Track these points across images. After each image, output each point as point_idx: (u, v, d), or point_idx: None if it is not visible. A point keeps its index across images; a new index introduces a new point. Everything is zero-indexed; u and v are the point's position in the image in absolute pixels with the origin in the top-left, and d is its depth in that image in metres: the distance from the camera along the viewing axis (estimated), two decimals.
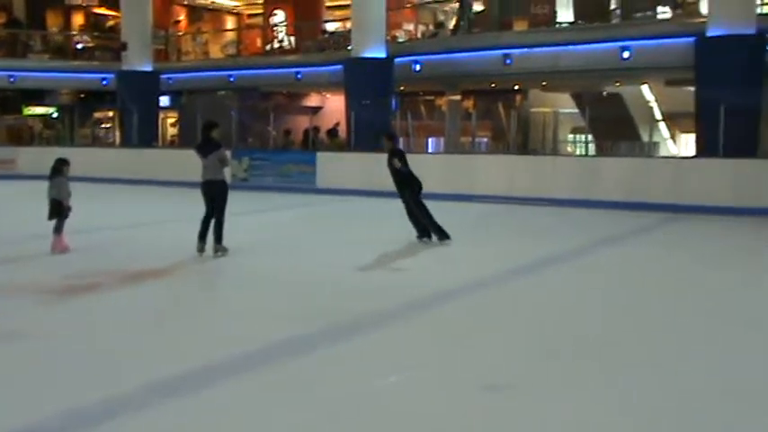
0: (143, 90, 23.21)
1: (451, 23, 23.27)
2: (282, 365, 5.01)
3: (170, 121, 28.06)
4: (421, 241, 10.16)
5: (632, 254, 9.83)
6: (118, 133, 25.56)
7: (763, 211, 12.71)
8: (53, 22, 29.55)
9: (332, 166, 18.10)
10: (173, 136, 28.02)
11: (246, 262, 8.81)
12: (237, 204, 9.54)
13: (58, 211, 9.20)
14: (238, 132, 20.98)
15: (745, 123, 14.37)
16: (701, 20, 15.97)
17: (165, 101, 26.15)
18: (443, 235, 10.02)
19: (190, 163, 10.19)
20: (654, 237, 11.47)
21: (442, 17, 24.98)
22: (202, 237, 8.93)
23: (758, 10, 15.66)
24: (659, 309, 6.68)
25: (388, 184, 10.72)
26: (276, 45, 26.61)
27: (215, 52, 28.17)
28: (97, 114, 28.54)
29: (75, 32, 29.02)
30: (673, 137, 24.43)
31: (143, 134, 22.49)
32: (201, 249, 8.90)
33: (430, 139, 24.57)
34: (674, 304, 6.88)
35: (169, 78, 25.15)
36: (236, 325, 6.02)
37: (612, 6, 20.01)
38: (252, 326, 5.97)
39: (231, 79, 24.45)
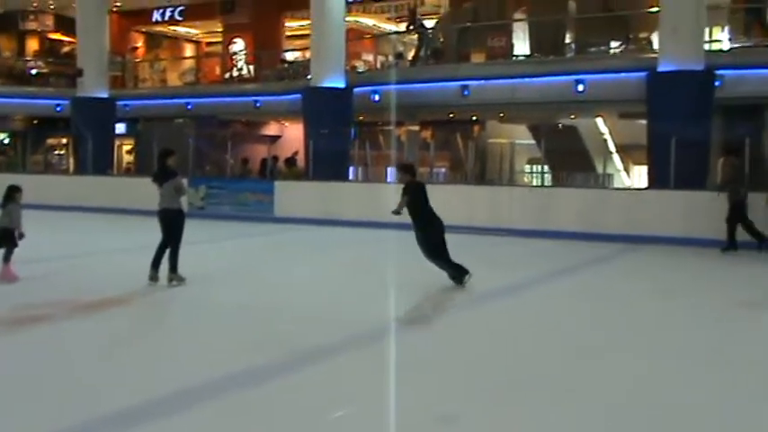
0: (98, 117, 22.92)
1: (410, 54, 23.54)
2: (235, 396, 4.94)
3: (126, 148, 27.73)
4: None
5: (589, 283, 9.95)
6: (72, 160, 25.16)
7: (712, 242, 12.97)
8: (7, 46, 29.15)
9: (290, 195, 18.04)
10: (128, 163, 27.68)
11: (201, 291, 8.68)
12: (194, 233, 9.42)
13: (10, 239, 8.98)
14: (195, 160, 20.81)
15: (695, 156, 14.73)
16: (653, 55, 16.40)
17: (120, 128, 25.86)
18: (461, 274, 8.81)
19: (145, 191, 10.08)
20: (609, 267, 11.62)
21: (401, 48, 25.25)
22: (155, 265, 8.79)
23: (706, 47, 16.13)
24: (614, 341, 6.74)
25: (346, 213, 10.73)
26: (235, 73, 26.58)
27: (173, 80, 28.02)
28: (50, 141, 28.10)
29: (29, 58, 28.61)
30: (626, 169, 24.92)
31: (98, 161, 22.15)
32: (154, 278, 8.76)
33: (389, 169, 24.67)
34: (627, 335, 6.95)
35: (126, 105, 24.90)
36: (188, 355, 5.93)
37: (567, 40, 20.46)
38: (205, 356, 5.87)
39: (189, 107, 24.29)
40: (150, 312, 7.97)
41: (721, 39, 18.24)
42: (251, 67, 26.43)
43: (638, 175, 22.84)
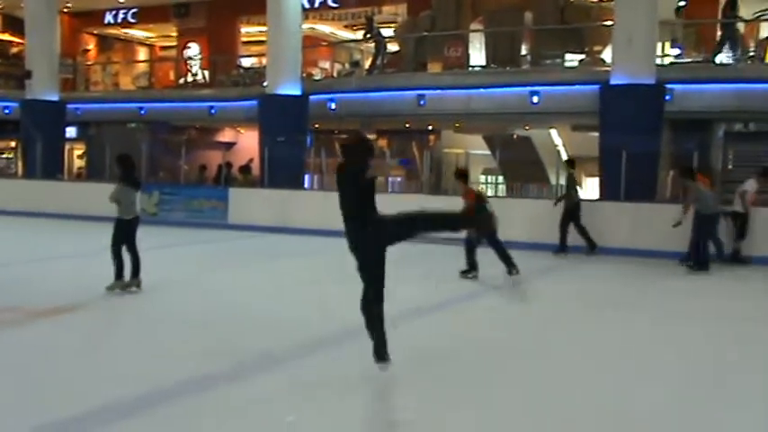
0: (48, 120, 22.40)
1: (367, 63, 23.59)
2: (186, 402, 4.92)
3: (77, 152, 27.19)
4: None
5: (534, 293, 10.07)
6: (20, 164, 24.57)
7: (660, 254, 13.22)
8: None
9: (244, 203, 17.88)
10: (79, 168, 27.14)
11: (154, 298, 8.56)
12: (146, 239, 9.28)
13: None
14: (149, 166, 20.50)
15: (645, 168, 15.02)
16: (606, 68, 16.70)
17: (71, 132, 25.33)
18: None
19: (97, 196, 9.91)
20: (554, 277, 11.74)
21: (357, 56, 25.29)
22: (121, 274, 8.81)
23: (657, 61, 16.48)
24: (548, 351, 6.81)
25: (301, 220, 10.72)
26: (189, 78, 26.30)
27: (126, 83, 27.60)
28: None
29: None
30: (579, 180, 25.27)
31: (47, 165, 21.66)
32: (120, 287, 8.76)
33: None
34: (566, 347, 7.03)
35: (76, 108, 24.41)
36: (138, 363, 5.86)
37: (523, 52, 20.72)
38: (155, 363, 5.81)
39: (142, 112, 23.94)
40: (98, 320, 7.80)
41: (672, 53, 18.65)
42: (206, 73, 26.18)
43: (591, 187, 23.22)
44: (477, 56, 20.93)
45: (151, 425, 4.54)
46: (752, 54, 17.97)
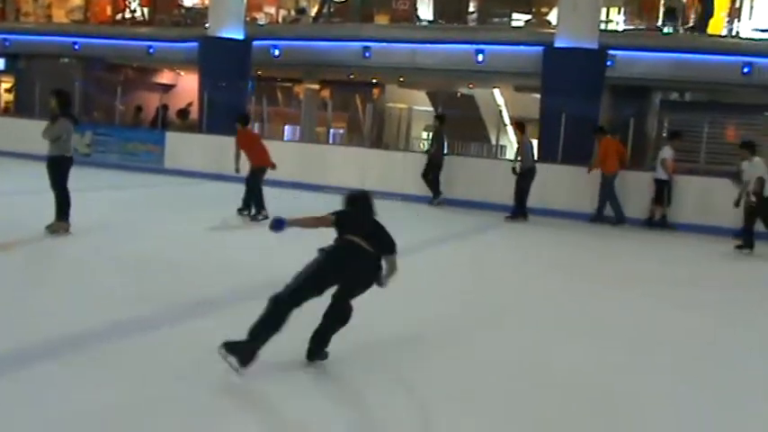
0: None
1: (313, 10, 23.14)
2: (118, 343, 4.88)
3: (4, 86, 26.06)
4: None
5: (467, 251, 10.20)
6: None
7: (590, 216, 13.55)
8: None
9: (181, 148, 17.50)
10: (7, 102, 26.04)
11: (83, 242, 8.35)
12: (78, 181, 8.99)
13: None
14: (82, 104, 19.82)
15: (583, 132, 15.22)
16: (551, 31, 16.77)
17: None
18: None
19: (26, 132, 9.53)
20: (488, 237, 11.89)
21: (304, 3, 24.77)
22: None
23: (601, 26, 16.62)
24: (484, 309, 6.92)
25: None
26: (128, 15, 25.33)
27: (59, 16, 26.41)
28: None
29: None
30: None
31: None
32: (63, 228, 8.52)
33: (286, 127, 24.33)
34: (495, 304, 7.15)
35: (5, 40, 23.36)
36: (68, 305, 5.73)
37: (471, 9, 20.63)
38: (85, 306, 5.69)
39: (76, 47, 22.98)
40: (30, 261, 7.59)
41: (616, 20, 18.85)
42: (145, 10, 25.25)
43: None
44: (425, 10, 20.76)
45: (82, 363, 4.49)
46: (692, 25, 18.29)
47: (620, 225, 13.26)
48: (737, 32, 18.20)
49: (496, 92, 22.98)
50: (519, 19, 20.08)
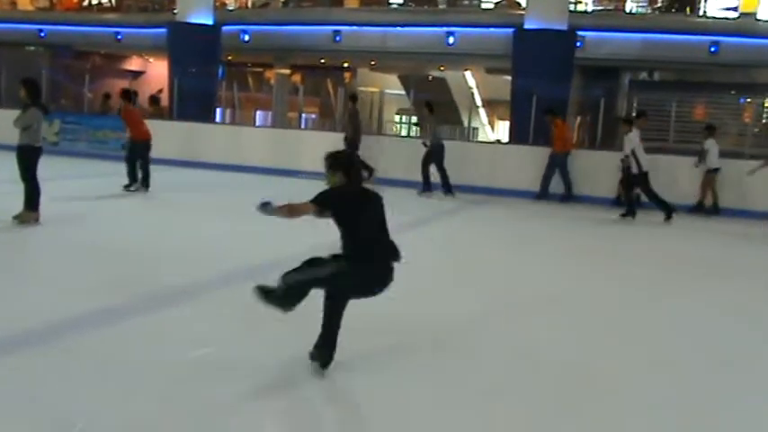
0: None
1: None
2: (90, 335, 4.83)
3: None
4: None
5: (437, 233, 10.27)
6: None
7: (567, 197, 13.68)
8: None
9: (152, 135, 17.29)
10: None
11: (54, 231, 8.26)
12: (47, 170, 8.88)
13: None
14: (50, 93, 19.52)
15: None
16: (521, 12, 16.82)
17: None
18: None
19: None
20: (460, 217, 11.97)
21: None
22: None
23: (570, 7, 16.72)
24: (448, 290, 6.99)
25: (210, 155, 10.53)
26: (95, 1, 24.99)
27: (24, 3, 25.97)
28: None
29: None
30: (491, 123, 25.69)
31: None
32: (33, 218, 8.43)
33: (258, 113, 24.22)
34: (464, 284, 7.23)
35: None
36: (40, 295, 5.67)
37: None
38: (57, 296, 5.64)
39: (42, 34, 22.66)
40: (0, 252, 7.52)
41: (585, 0, 18.96)
42: None
43: (502, 130, 23.61)
44: None
45: (57, 354, 4.45)
46: (659, 5, 18.46)
47: (566, 202, 13.57)
48: (705, 12, 18.40)
49: (468, 74, 23.05)
50: (489, 1, 20.11)
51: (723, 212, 12.95)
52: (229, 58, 21.14)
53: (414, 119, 22.60)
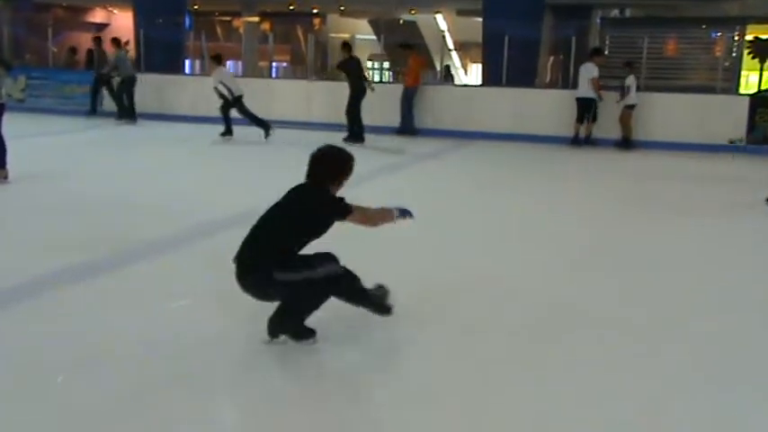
0: None
1: None
2: (63, 293, 4.81)
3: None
4: None
5: (416, 178, 10.29)
6: None
7: (539, 138, 13.70)
8: None
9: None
10: None
11: (22, 189, 8.18)
12: (13, 127, 8.74)
13: None
14: (12, 48, 19.06)
15: (525, 55, 15.26)
16: None
17: None
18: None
19: None
20: (436, 162, 11.97)
21: None
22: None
23: None
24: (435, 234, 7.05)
25: (180, 107, 10.38)
26: None
27: None
28: None
29: None
30: (464, 66, 25.51)
31: None
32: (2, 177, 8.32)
33: (228, 62, 23.82)
34: (454, 224, 7.29)
35: None
36: (11, 255, 5.63)
37: None
38: (28, 255, 5.61)
39: None
40: None
41: None
42: None
43: (475, 73, 23.47)
44: None
45: (27, 314, 4.44)
46: None
47: (405, 135, 14.08)
48: None
49: (439, 17, 22.78)
50: None
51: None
52: (196, 7, 20.72)
53: (386, 64, 22.39)
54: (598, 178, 10.72)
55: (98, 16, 25.46)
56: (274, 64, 20.55)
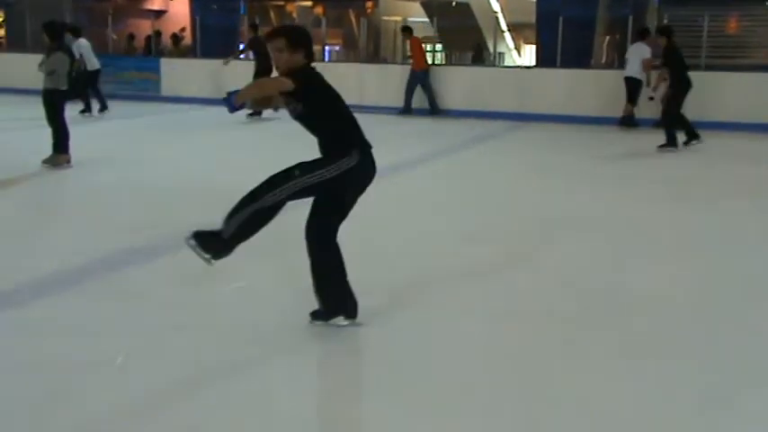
0: None
1: None
2: (122, 274, 4.95)
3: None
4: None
5: (471, 160, 10.25)
6: None
7: (594, 120, 13.49)
8: None
9: (177, 74, 17.34)
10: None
11: (84, 173, 8.43)
12: (76, 113, 9.01)
13: None
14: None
15: (581, 35, 15.00)
16: None
17: None
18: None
19: (18, 67, 9.48)
20: (493, 144, 11.92)
21: None
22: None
23: None
24: (483, 215, 7.04)
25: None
26: None
27: None
28: None
29: None
30: (517, 47, 25.18)
31: None
32: (65, 160, 8.55)
33: None
34: (498, 208, 7.27)
35: None
36: (74, 237, 5.82)
37: None
38: (92, 237, 5.78)
39: None
40: (33, 196, 7.67)
41: None
42: None
43: (529, 54, 23.15)
44: None
45: (93, 293, 4.58)
46: None
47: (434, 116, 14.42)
48: None
49: None
50: None
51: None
52: None
53: (438, 46, 22.24)
54: (659, 162, 10.51)
55: (156, 3, 25.87)
56: (327, 48, 20.64)
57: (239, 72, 16.18)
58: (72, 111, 13.16)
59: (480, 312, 4.33)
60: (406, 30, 15.37)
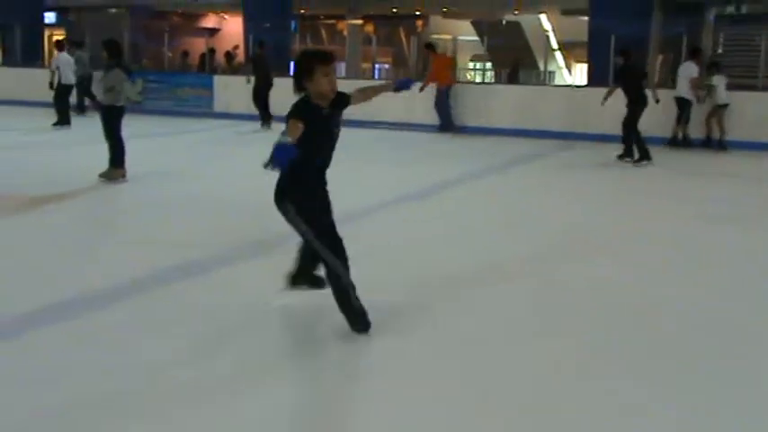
0: (25, 5, 21.74)
1: None
2: (175, 287, 5.04)
3: (56, 39, 26.52)
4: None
5: (517, 180, 10.22)
6: None
7: (648, 139, 13.27)
8: None
9: (230, 90, 17.66)
10: None
11: (142, 187, 8.61)
12: (131, 128, 9.23)
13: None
14: (131, 53, 20.09)
15: (634, 54, 14.81)
16: None
17: (50, 17, 24.65)
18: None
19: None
20: (543, 163, 11.84)
21: None
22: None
23: None
24: (527, 239, 6.99)
25: (286, 108, 10.55)
26: None
27: None
28: None
29: None
30: (568, 66, 25.06)
31: (27, 53, 21.20)
32: (120, 174, 8.78)
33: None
34: (539, 231, 7.21)
35: None
36: (130, 251, 5.91)
37: None
38: (147, 252, 5.85)
39: None
40: (89, 209, 7.86)
41: None
42: None
43: (580, 73, 23.00)
44: None
45: (140, 308, 4.66)
46: None
47: (445, 132, 14.47)
48: None
49: (543, 17, 22.46)
50: None
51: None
52: (302, 11, 21.22)
53: (488, 65, 22.26)
54: (707, 182, 10.33)
55: (210, 21, 26.49)
56: (377, 66, 20.82)
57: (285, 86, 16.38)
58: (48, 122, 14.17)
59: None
60: (429, 46, 15.52)
